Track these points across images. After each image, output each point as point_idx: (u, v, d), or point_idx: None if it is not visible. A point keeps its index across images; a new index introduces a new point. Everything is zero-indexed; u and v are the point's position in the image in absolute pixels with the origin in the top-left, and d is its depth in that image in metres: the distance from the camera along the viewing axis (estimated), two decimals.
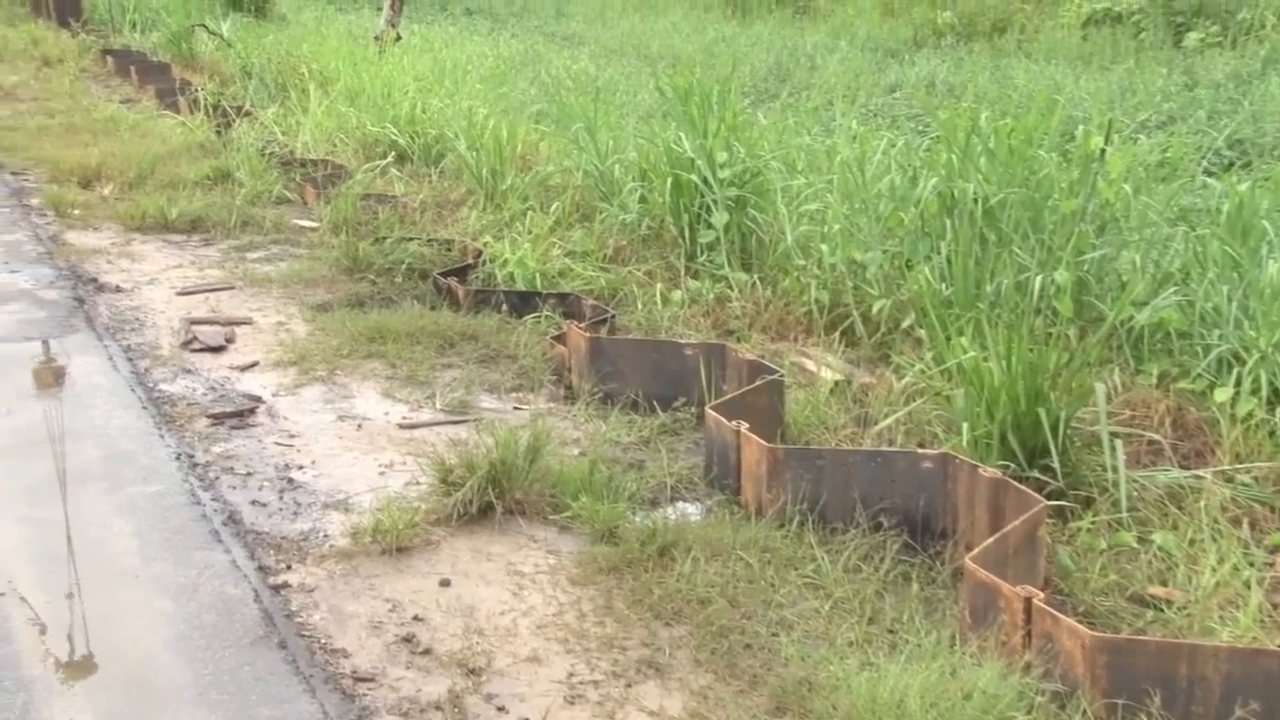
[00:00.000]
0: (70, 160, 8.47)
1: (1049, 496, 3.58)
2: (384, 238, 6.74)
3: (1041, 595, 2.92)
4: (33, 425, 4.49)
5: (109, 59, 13.74)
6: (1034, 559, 3.32)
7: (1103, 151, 4.98)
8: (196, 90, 10.76)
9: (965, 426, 3.93)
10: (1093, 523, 3.59)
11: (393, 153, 8.53)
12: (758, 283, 5.64)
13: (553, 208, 6.87)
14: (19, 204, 7.71)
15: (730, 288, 5.66)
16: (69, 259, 6.53)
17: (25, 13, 17.71)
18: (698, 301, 5.67)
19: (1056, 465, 3.71)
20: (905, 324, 5.04)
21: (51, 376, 5.01)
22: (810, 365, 4.99)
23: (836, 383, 4.72)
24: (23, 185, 8.21)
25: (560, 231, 6.65)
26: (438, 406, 4.72)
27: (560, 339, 5.15)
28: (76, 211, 7.50)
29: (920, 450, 3.86)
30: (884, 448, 4.08)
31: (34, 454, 4.23)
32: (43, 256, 6.61)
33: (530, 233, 6.53)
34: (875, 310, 5.13)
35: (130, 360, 5.12)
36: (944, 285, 4.92)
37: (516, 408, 4.75)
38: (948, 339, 4.35)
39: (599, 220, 6.69)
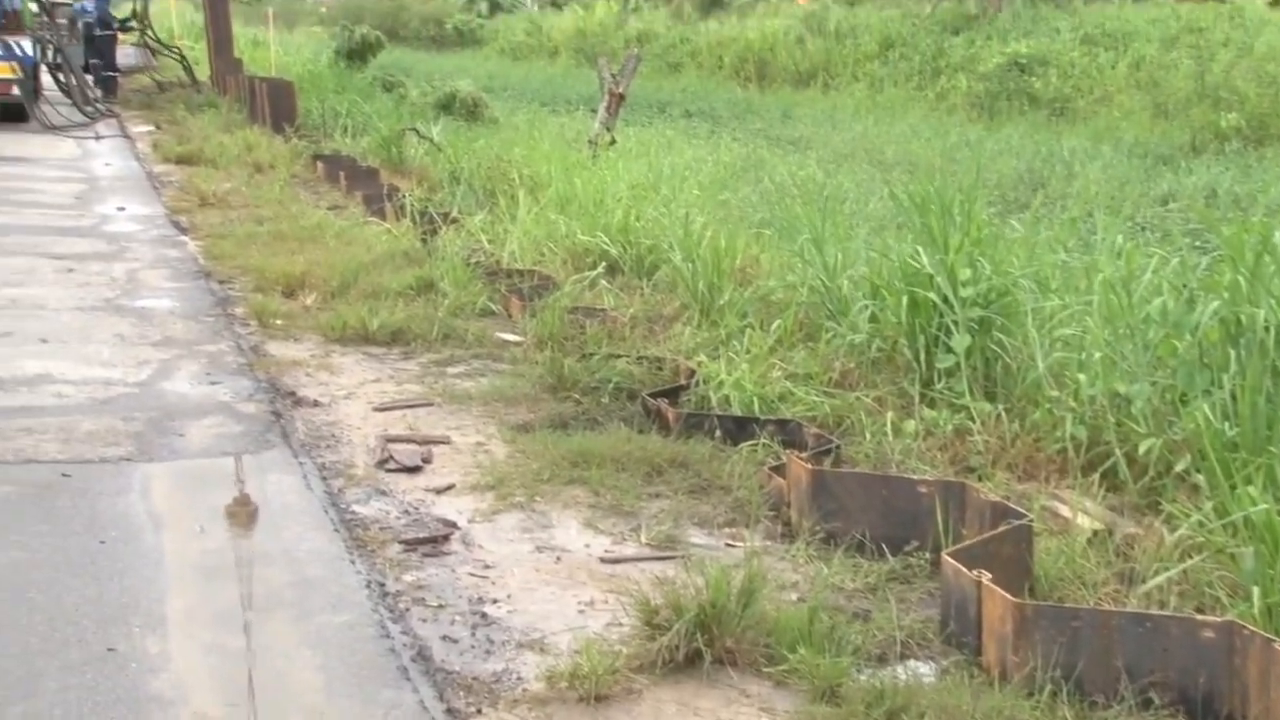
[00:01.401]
0: (275, 269, 9.08)
1: None
2: (591, 354, 6.92)
3: None
4: (224, 546, 4.77)
5: (319, 165, 14.76)
6: None
7: None
8: (403, 196, 11.43)
9: (1256, 591, 3.70)
10: None
11: (603, 263, 8.80)
12: (1003, 414, 5.51)
13: (774, 326, 6.92)
14: (223, 313, 8.31)
15: (971, 419, 5.55)
16: (269, 371, 6.97)
17: (242, 119, 19.28)
18: (934, 433, 5.58)
19: None
20: (1179, 468, 4.82)
21: (245, 495, 5.33)
22: (1064, 510, 4.82)
23: (1095, 532, 4.54)
24: (228, 294, 8.85)
25: (781, 352, 6.69)
26: (643, 540, 4.77)
27: (779, 470, 5.15)
28: (279, 321, 8.01)
29: (1200, 617, 3.65)
30: (1154, 611, 3.88)
31: (224, 576, 4.48)
32: (243, 368, 7.08)
33: (748, 352, 6.59)
34: (1142, 450, 4.93)
35: (324, 479, 5.39)
36: (1227, 425, 4.70)
37: (729, 545, 4.75)
38: (1232, 487, 4.14)
39: (825, 340, 6.70)
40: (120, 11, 28.75)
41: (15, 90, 18.57)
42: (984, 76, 27.61)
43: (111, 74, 25.34)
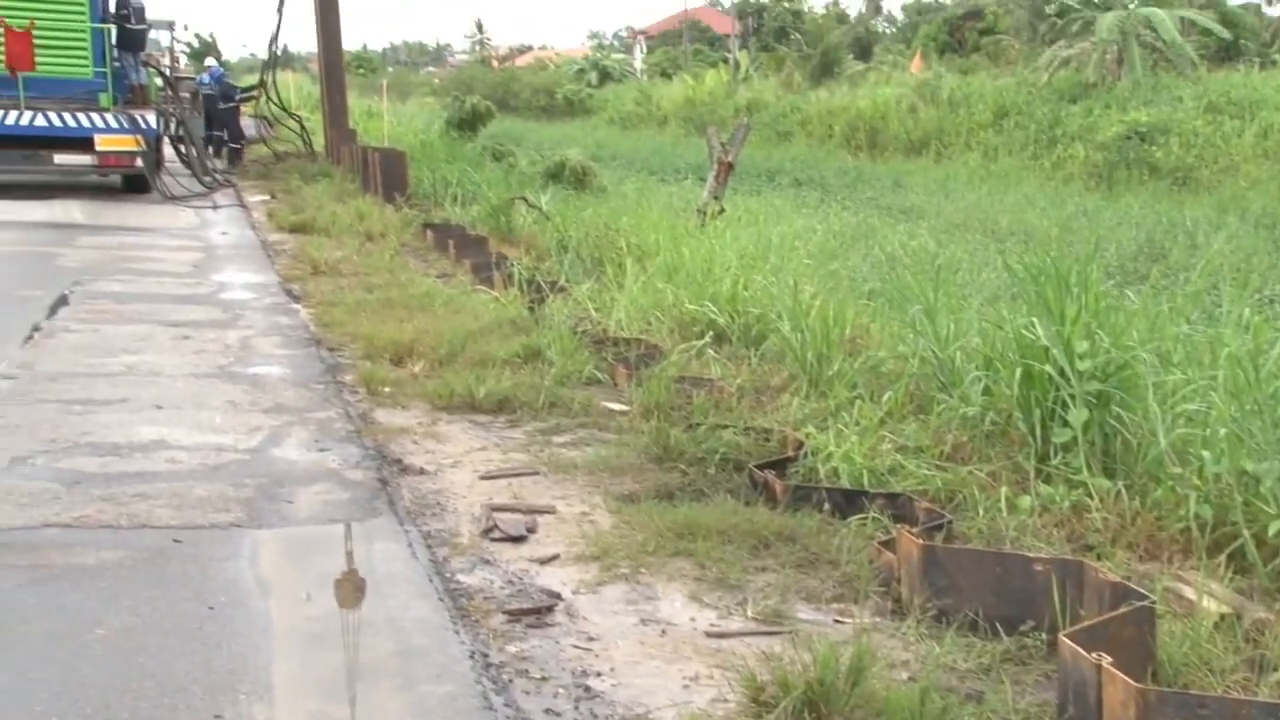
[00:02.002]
0: (384, 336, 9.29)
1: None
2: (697, 424, 6.94)
3: None
4: (330, 613, 4.86)
5: (429, 233, 15.10)
6: None
7: None
8: (511, 265, 11.63)
9: None
10: None
11: (710, 333, 8.83)
12: (1123, 491, 5.40)
13: (884, 397, 6.89)
14: (333, 380, 8.51)
15: (1089, 495, 5.45)
16: (376, 438, 7.11)
17: (355, 188, 19.84)
18: (1050, 510, 5.48)
19: None
20: None
21: (352, 563, 5.42)
22: (1189, 592, 4.69)
23: (1222, 616, 4.41)
24: (338, 361, 9.07)
25: (891, 424, 6.64)
26: (749, 614, 4.75)
27: (889, 545, 5.10)
28: (387, 389, 8.18)
29: None
30: None
31: (329, 644, 4.56)
32: (351, 435, 7.23)
33: (858, 424, 6.56)
34: (1272, 532, 4.79)
35: (430, 548, 5.47)
36: None
37: (838, 621, 4.71)
38: None
39: (936, 413, 6.64)
40: (241, 83, 29.89)
41: (139, 162, 19.33)
42: (1102, 146, 27.32)
43: (236, 145, 26.36)
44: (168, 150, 22.30)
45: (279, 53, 26.62)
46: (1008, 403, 6.26)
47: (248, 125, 28.57)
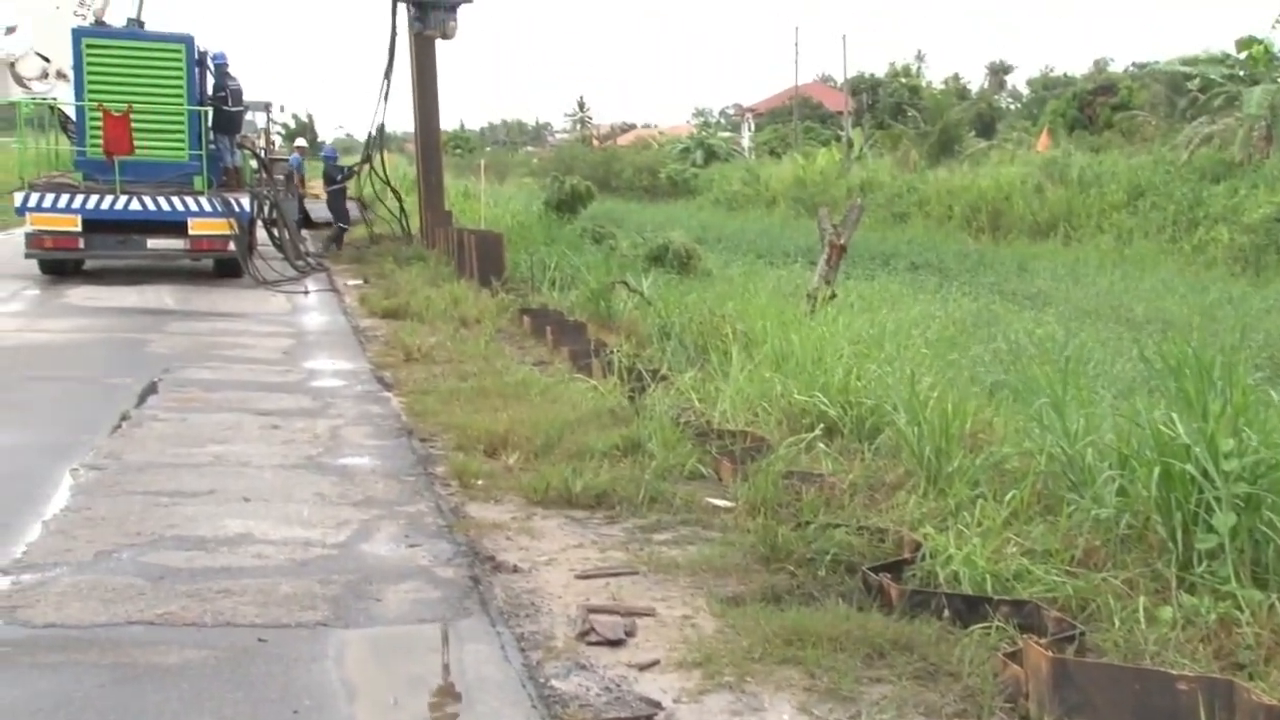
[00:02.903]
0: (478, 426, 9.40)
1: None
2: (807, 523, 6.90)
3: None
4: (418, 719, 4.87)
5: (525, 319, 15.31)
6: None
7: None
8: (611, 352, 11.71)
9: None
10: None
11: (821, 425, 8.80)
12: (1276, 604, 5.22)
13: (1008, 496, 6.78)
14: (424, 472, 8.62)
15: (1239, 608, 5.29)
16: (468, 534, 7.17)
17: (450, 272, 20.23)
18: (1194, 623, 5.32)
19: None
20: None
21: (441, 666, 5.45)
22: None
23: None
24: (430, 452, 9.19)
25: (1017, 525, 6.53)
26: None
27: (1015, 657, 4.99)
28: (480, 482, 8.26)
29: None
30: None
31: None
32: (443, 530, 7.30)
33: (980, 525, 6.46)
34: None
35: (523, 651, 5.48)
36: None
37: None
38: None
39: (1066, 514, 6.52)
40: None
41: (231, 246, 19.95)
42: (1249, 228, 26.82)
43: (342, 227, 27.10)
44: (260, 233, 23.01)
45: (380, 131, 27.36)
46: (1145, 505, 6.12)
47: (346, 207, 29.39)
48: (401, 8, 25.18)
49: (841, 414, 9.00)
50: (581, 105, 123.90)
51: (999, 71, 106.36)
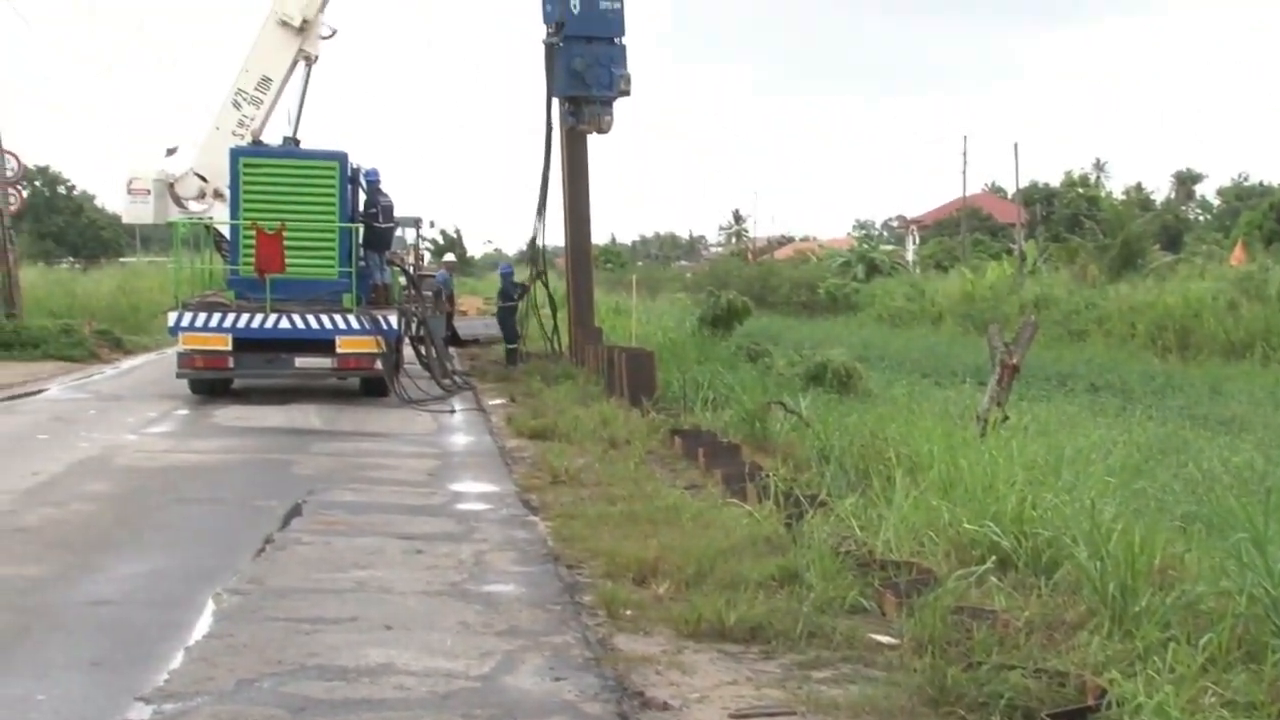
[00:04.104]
0: (627, 553, 9.39)
1: None
2: (979, 663, 6.71)
3: None
4: None
5: (677, 440, 15.34)
6: None
7: None
8: (767, 476, 11.65)
9: None
10: None
11: (993, 557, 8.60)
12: None
13: (1204, 640, 6.51)
14: (571, 601, 8.63)
15: None
16: (616, 667, 7.13)
17: (599, 391, 20.43)
18: None
19: None
20: None
21: None
22: None
23: None
24: (577, 580, 9.20)
25: (1215, 673, 6.27)
26: None
27: None
28: (629, 612, 8.23)
29: None
30: None
31: None
32: (589, 663, 7.28)
33: (1172, 671, 6.21)
34: None
35: None
36: None
37: None
38: None
39: (1271, 662, 6.24)
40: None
41: (378, 364, 20.48)
42: None
43: (514, 346, 27.68)
44: (408, 351, 23.57)
45: (537, 243, 28.06)
46: None
47: (494, 324, 30.08)
48: (557, 102, 25.90)
49: (1015, 545, 8.79)
50: (737, 217, 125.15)
51: (1186, 180, 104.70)
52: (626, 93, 25.42)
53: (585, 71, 24.95)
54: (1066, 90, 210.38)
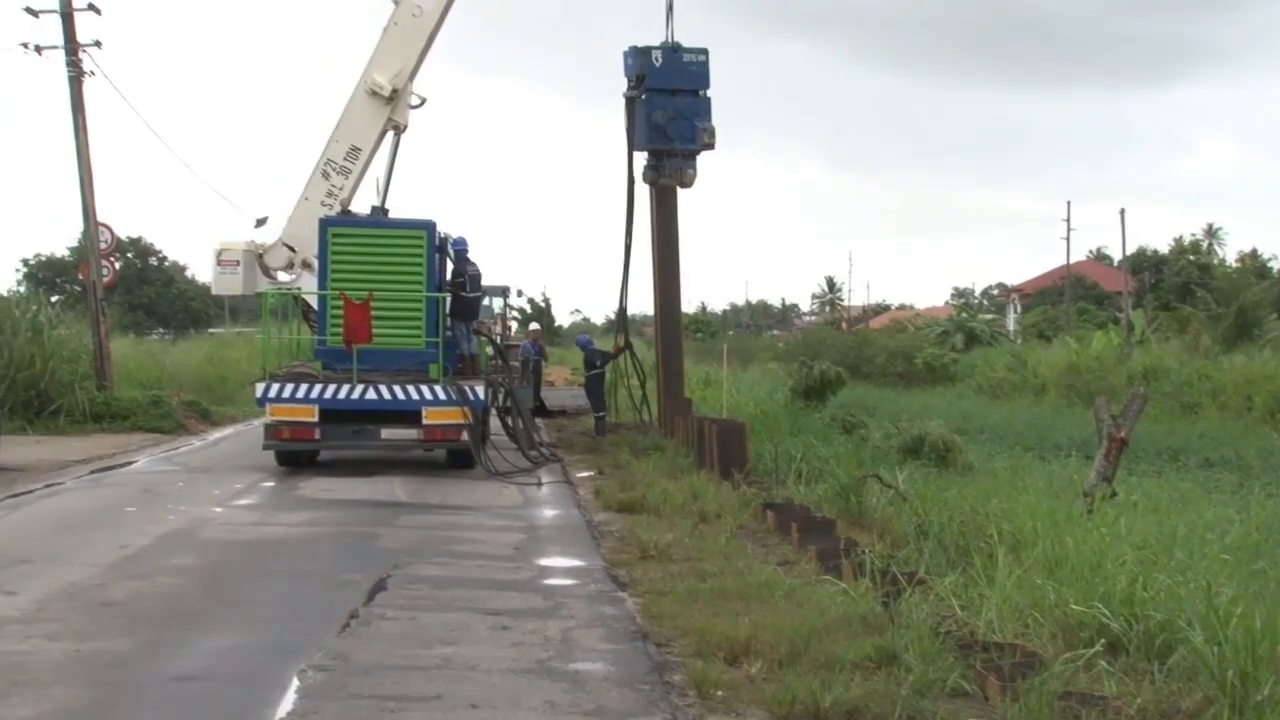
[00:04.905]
0: (718, 631, 9.34)
1: None
2: None
3: None
4: None
5: (769, 514, 15.25)
6: None
7: None
8: (863, 552, 11.54)
9: None
10: None
11: (1102, 640, 8.47)
12: None
13: None
14: (660, 680, 8.58)
15: None
16: None
17: (689, 463, 20.40)
18: None
19: None
20: None
21: None
22: None
23: None
24: (666, 659, 9.16)
25: None
26: None
27: None
28: (720, 692, 8.17)
29: None
30: None
31: None
32: None
33: None
34: None
35: None
36: None
37: None
38: None
39: None
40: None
41: (464, 436, 20.63)
42: None
43: (600, 415, 27.80)
44: (494, 422, 23.71)
45: (623, 305, 28.30)
46: None
47: (581, 395, 30.21)
48: (639, 157, 26.11)
49: (1126, 628, 8.63)
50: (831, 285, 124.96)
51: None
52: (710, 145, 25.56)
53: (667, 124, 25.16)
54: (1176, 154, 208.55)
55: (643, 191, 26.59)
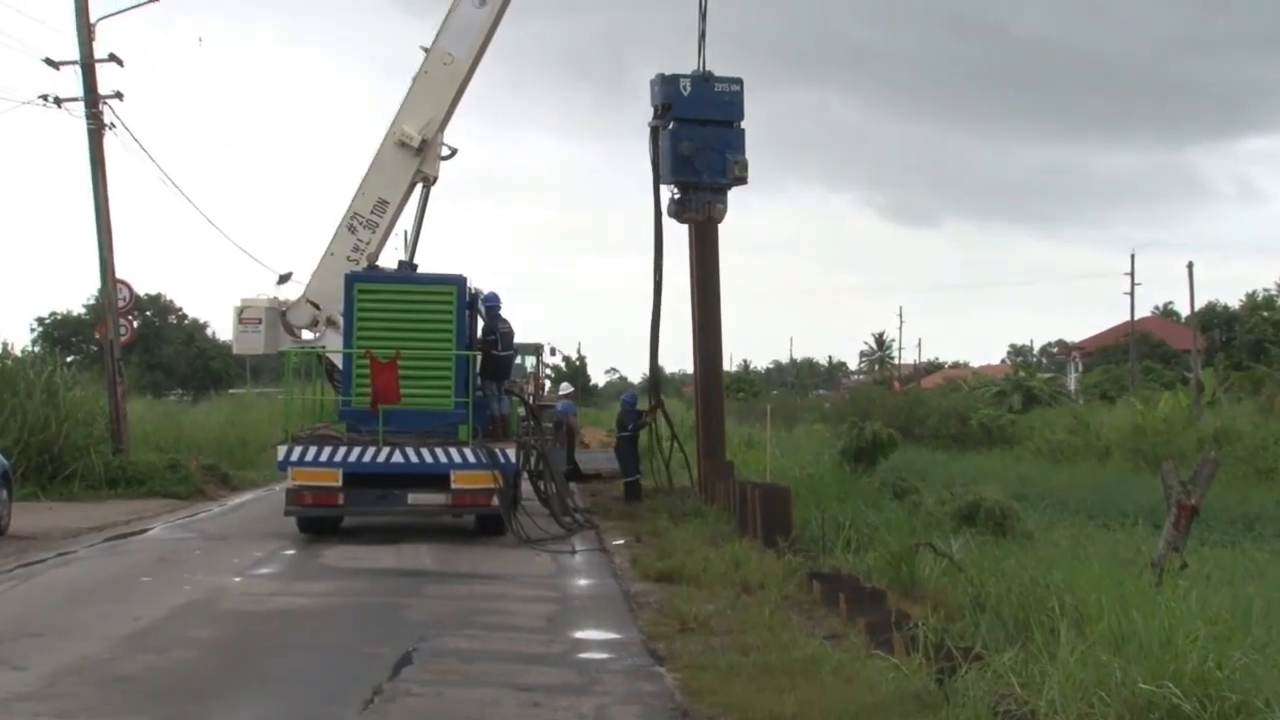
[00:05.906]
0: (761, 708, 9.28)
1: None
2: None
3: None
4: None
5: (815, 584, 15.15)
6: None
7: None
8: (915, 625, 11.45)
9: None
10: None
11: None
12: None
13: None
14: None
15: None
16: None
17: (731, 530, 20.31)
18: None
19: None
20: None
21: None
22: None
23: None
24: None
25: None
26: None
27: None
28: None
29: None
30: None
31: None
32: None
33: None
34: None
35: None
36: None
37: None
38: None
39: None
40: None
41: (494, 501, 20.56)
42: None
43: (634, 478, 27.70)
44: (526, 486, 23.66)
45: (656, 366, 28.38)
46: None
47: (607, 458, 30.18)
48: (666, 191, 26.06)
49: (1199, 709, 8.50)
50: (880, 342, 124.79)
51: None
52: (743, 179, 25.41)
53: (694, 156, 24.97)
54: (1248, 204, 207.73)
55: (680, 231, 26.47)
